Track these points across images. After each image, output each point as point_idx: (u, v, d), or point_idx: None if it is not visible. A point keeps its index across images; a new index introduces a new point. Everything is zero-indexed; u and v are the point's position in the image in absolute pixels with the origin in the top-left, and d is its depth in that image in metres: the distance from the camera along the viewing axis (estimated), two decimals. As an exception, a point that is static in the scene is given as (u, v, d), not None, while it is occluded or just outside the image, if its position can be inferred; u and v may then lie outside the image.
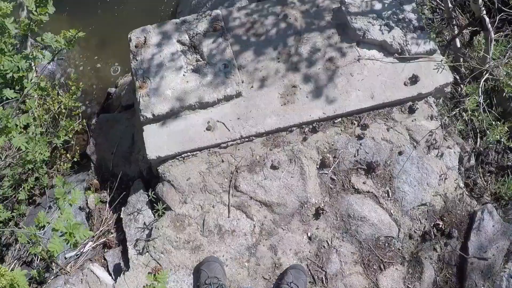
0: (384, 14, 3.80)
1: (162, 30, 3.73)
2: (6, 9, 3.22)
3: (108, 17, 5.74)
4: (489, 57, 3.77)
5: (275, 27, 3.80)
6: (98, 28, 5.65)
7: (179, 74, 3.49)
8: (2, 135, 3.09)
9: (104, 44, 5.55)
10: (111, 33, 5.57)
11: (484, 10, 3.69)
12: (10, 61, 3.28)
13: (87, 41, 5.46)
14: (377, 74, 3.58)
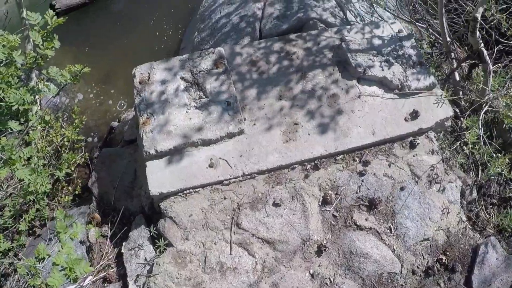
0: (384, 50, 3.85)
1: (166, 67, 3.78)
2: (14, 42, 3.26)
3: (112, 51, 5.80)
4: (488, 89, 3.81)
5: (277, 64, 3.86)
6: (102, 61, 5.71)
7: (182, 111, 3.52)
8: (5, 167, 3.10)
9: (108, 77, 5.60)
10: (115, 67, 5.63)
11: (482, 43, 3.74)
12: (16, 94, 3.31)
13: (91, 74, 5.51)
14: (378, 110, 3.61)
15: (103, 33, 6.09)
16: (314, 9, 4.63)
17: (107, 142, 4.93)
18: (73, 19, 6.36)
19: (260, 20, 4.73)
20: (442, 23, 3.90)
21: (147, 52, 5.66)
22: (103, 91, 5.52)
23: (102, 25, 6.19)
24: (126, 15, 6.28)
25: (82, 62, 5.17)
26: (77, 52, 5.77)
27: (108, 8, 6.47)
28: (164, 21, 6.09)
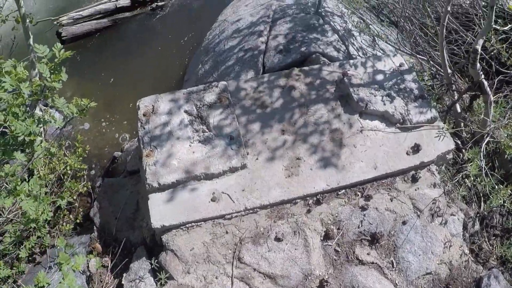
0: (386, 84, 3.89)
1: (170, 100, 3.81)
2: (22, 74, 3.29)
3: (117, 80, 5.86)
4: (489, 120, 3.83)
5: (280, 99, 3.90)
6: (106, 90, 5.76)
7: (185, 144, 3.54)
8: (10, 196, 3.11)
9: (112, 106, 5.64)
10: (119, 95, 5.67)
11: (482, 74, 3.77)
12: (23, 125, 3.32)
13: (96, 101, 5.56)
14: (379, 144, 3.63)
15: (108, 61, 6.17)
16: (317, 43, 4.69)
17: (109, 172, 4.94)
18: (79, 47, 6.46)
19: (264, 54, 4.79)
20: (443, 55, 3.93)
21: (151, 82, 5.72)
22: (107, 119, 5.55)
23: (107, 54, 6.27)
24: (131, 45, 6.38)
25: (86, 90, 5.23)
26: (81, 79, 5.83)
27: (113, 38, 6.57)
28: (169, 52, 6.17)
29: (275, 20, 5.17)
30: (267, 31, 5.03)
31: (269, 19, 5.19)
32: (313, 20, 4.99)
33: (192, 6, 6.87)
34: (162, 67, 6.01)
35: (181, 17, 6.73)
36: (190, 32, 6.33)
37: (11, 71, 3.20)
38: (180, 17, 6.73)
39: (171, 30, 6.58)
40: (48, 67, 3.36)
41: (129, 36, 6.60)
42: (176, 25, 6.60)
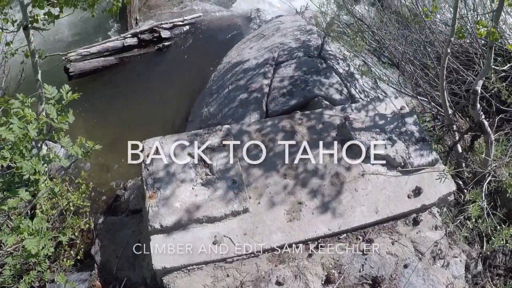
0: (387, 128, 3.94)
1: (174, 142, 3.86)
2: (30, 116, 3.34)
3: (121, 117, 5.94)
4: (490, 159, 3.85)
5: (282, 143, 3.94)
6: (110, 127, 5.83)
7: (188, 187, 3.58)
8: (13, 234, 3.14)
9: (116, 143, 5.69)
10: (123, 133, 5.73)
11: (482, 115, 3.81)
12: (28, 164, 3.37)
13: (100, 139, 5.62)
14: (381, 188, 3.66)
15: (114, 99, 6.26)
16: (319, 86, 4.77)
17: (111, 209, 4.96)
18: (86, 83, 6.57)
19: (268, 96, 4.87)
20: (444, 97, 3.98)
21: (155, 121, 5.79)
22: (110, 156, 5.60)
23: (113, 91, 6.37)
24: (137, 83, 6.48)
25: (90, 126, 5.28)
26: (86, 115, 5.90)
27: (120, 76, 6.69)
28: (174, 92, 6.26)
29: (279, 63, 5.28)
30: (271, 74, 5.12)
31: (273, 62, 5.29)
32: (316, 63, 5.09)
33: (198, 47, 7.03)
34: (167, 106, 6.09)
35: (186, 58, 6.87)
36: (195, 72, 6.45)
37: (19, 112, 3.26)
38: (186, 58, 6.86)
39: (176, 70, 6.69)
40: (55, 108, 3.43)
41: (135, 75, 6.72)
42: (181, 66, 6.72)
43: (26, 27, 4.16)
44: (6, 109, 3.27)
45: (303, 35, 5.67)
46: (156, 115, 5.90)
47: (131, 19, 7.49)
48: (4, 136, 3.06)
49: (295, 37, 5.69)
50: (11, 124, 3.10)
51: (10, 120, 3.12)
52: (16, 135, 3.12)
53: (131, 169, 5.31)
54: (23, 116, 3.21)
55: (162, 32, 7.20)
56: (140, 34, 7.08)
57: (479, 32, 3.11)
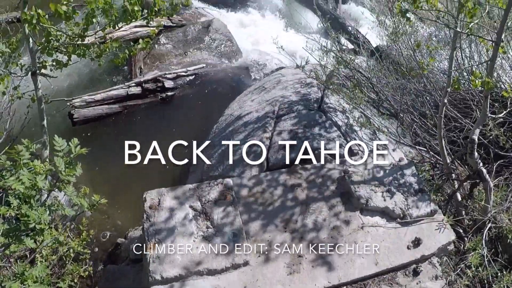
0: (386, 180, 4.00)
1: (175, 194, 3.94)
2: (39, 168, 3.42)
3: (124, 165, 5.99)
4: (489, 206, 3.88)
5: (282, 196, 4.01)
6: (112, 174, 5.88)
7: (189, 239, 3.62)
8: (17, 281, 3.16)
9: (117, 191, 5.73)
10: (125, 181, 5.78)
11: (480, 162, 3.86)
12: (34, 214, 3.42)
13: (101, 186, 5.66)
14: (380, 240, 3.69)
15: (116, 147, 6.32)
16: (319, 139, 4.86)
17: (112, 257, 4.96)
18: (89, 129, 6.67)
19: (268, 150, 4.95)
20: (442, 146, 4.05)
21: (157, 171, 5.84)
22: (112, 204, 5.63)
23: (115, 139, 6.45)
24: (140, 132, 6.57)
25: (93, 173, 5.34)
26: (89, 162, 5.96)
27: (123, 124, 6.79)
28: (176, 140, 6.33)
29: (280, 116, 5.38)
30: (272, 127, 5.22)
31: (274, 115, 5.40)
32: (316, 116, 5.19)
33: (201, 98, 7.15)
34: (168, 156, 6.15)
35: (189, 108, 6.99)
36: (197, 123, 6.54)
37: (28, 164, 3.34)
38: (189, 108, 6.98)
39: (179, 120, 6.80)
40: (64, 160, 3.51)
41: (138, 123, 6.81)
42: (184, 116, 6.84)
43: (34, 73, 4.26)
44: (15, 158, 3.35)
45: (303, 88, 5.81)
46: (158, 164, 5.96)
47: (136, 68, 7.66)
48: (14, 186, 3.14)
49: (296, 90, 5.82)
50: (21, 175, 3.18)
51: (20, 171, 3.21)
52: (25, 187, 3.20)
53: (132, 218, 5.36)
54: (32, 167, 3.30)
55: (166, 82, 7.35)
56: (144, 84, 7.20)
57: (474, 83, 3.21)
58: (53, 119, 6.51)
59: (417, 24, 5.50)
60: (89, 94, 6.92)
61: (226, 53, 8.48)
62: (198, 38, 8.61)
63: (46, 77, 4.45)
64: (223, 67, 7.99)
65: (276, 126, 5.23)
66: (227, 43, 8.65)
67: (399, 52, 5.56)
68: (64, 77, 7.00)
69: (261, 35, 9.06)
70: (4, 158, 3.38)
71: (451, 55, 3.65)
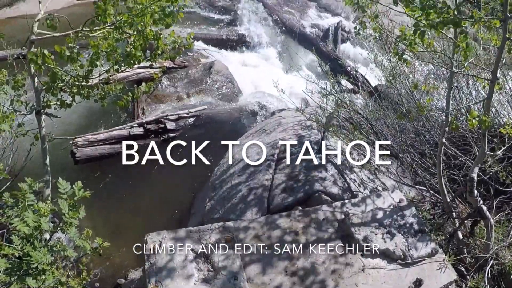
0: (386, 222, 4.02)
1: (177, 237, 3.95)
2: (44, 211, 3.45)
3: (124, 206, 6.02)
4: (491, 243, 3.87)
5: (282, 240, 4.02)
6: (113, 214, 5.89)
7: (190, 282, 3.62)
8: None
9: (118, 231, 5.73)
10: (126, 221, 5.79)
11: (481, 200, 3.87)
12: (38, 255, 3.42)
13: (102, 226, 5.66)
14: (381, 282, 3.69)
15: (117, 186, 6.36)
16: (319, 182, 4.91)
17: (111, 299, 4.95)
18: (91, 168, 6.71)
19: (269, 192, 5.00)
20: (442, 185, 4.08)
21: (158, 212, 5.86)
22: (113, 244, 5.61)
23: (117, 179, 6.49)
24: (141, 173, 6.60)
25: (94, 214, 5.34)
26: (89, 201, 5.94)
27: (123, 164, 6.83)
28: (178, 183, 6.38)
29: (280, 159, 5.46)
30: (272, 170, 5.28)
31: (274, 158, 5.48)
32: (316, 158, 5.23)
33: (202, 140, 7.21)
34: (170, 197, 6.18)
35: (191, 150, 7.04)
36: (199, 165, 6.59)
37: (33, 206, 3.38)
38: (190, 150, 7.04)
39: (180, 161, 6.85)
40: (67, 203, 3.55)
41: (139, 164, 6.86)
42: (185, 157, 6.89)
43: (38, 112, 4.32)
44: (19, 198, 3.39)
45: (303, 131, 5.88)
46: (159, 205, 5.99)
47: (138, 109, 7.76)
48: (18, 228, 3.17)
49: (296, 133, 5.90)
50: (26, 217, 3.22)
51: (24, 213, 3.24)
52: (30, 228, 3.23)
53: (133, 259, 5.34)
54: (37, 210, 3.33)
55: (168, 123, 7.43)
56: (146, 124, 7.28)
57: (471, 123, 3.26)
58: (55, 156, 6.53)
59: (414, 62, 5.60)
60: (92, 134, 7.00)
61: (227, 95, 8.61)
62: (200, 79, 8.77)
63: (50, 116, 4.51)
64: (225, 109, 8.09)
65: (276, 169, 5.29)
66: (228, 84, 8.79)
67: (397, 92, 5.64)
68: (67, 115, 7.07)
69: (262, 77, 9.19)
70: (7, 195, 3.42)
71: (448, 94, 3.72)
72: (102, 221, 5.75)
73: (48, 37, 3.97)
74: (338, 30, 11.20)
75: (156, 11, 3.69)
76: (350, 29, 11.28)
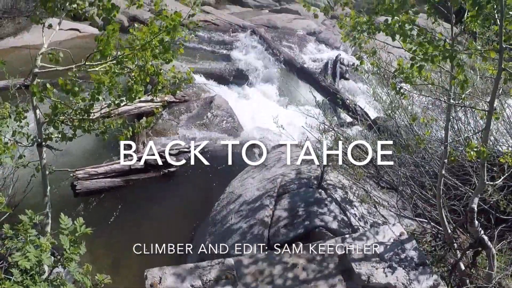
0: (387, 256, 4.00)
1: (177, 273, 3.93)
2: (45, 246, 3.44)
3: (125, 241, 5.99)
4: (493, 273, 3.84)
5: (282, 276, 3.98)
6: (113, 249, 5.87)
7: (191, 319, 3.60)
8: None
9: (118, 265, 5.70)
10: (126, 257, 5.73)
11: (481, 230, 3.86)
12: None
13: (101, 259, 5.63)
14: (384, 317, 3.65)
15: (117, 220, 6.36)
16: (319, 217, 4.91)
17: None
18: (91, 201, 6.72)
19: (269, 228, 5.01)
20: (442, 217, 4.08)
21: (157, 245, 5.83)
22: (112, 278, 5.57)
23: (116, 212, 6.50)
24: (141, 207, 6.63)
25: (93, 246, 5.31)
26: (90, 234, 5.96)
27: (124, 198, 6.85)
28: (178, 217, 6.39)
29: (280, 195, 5.47)
30: (272, 205, 5.29)
31: (275, 193, 5.49)
32: (316, 194, 5.28)
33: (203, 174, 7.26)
34: (170, 231, 6.17)
35: (191, 185, 7.07)
36: (199, 199, 6.62)
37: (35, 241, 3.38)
38: (191, 185, 7.07)
39: (181, 196, 6.88)
40: (68, 239, 3.54)
41: (139, 198, 6.87)
42: (186, 192, 6.91)
43: (40, 144, 4.34)
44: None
45: (303, 166, 5.92)
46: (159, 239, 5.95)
47: (139, 143, 7.81)
48: (20, 263, 3.18)
49: (296, 168, 5.93)
50: (27, 252, 3.22)
51: (26, 248, 3.24)
52: (31, 264, 3.22)
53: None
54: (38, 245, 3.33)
55: (168, 157, 7.45)
56: (147, 158, 7.33)
57: (469, 154, 3.28)
58: (55, 188, 6.58)
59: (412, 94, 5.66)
60: (93, 167, 7.03)
61: (227, 129, 8.69)
62: (200, 114, 8.85)
63: (51, 149, 4.53)
64: (226, 143, 8.13)
65: (277, 205, 5.30)
66: (228, 119, 8.88)
67: (396, 125, 5.69)
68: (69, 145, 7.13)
69: (262, 112, 9.30)
70: (7, 227, 3.43)
71: (446, 126, 3.75)
72: (101, 254, 5.73)
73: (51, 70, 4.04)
74: (336, 63, 11.36)
75: (157, 46, 3.75)
76: (349, 63, 11.45)
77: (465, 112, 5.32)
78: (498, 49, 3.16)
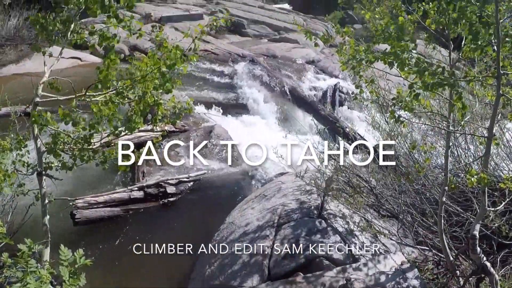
0: (388, 285, 3.98)
1: (178, 304, 3.88)
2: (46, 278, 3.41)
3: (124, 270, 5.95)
4: None
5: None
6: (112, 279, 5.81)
7: None
8: None
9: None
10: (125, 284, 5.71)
11: (484, 257, 3.82)
12: None
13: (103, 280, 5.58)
14: None
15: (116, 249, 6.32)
16: (320, 246, 4.88)
17: None
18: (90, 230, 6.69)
19: (269, 259, 4.98)
20: (443, 244, 4.06)
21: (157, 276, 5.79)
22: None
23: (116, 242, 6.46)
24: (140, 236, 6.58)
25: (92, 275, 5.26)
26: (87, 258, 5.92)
27: (124, 227, 6.82)
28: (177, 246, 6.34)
29: (280, 225, 5.45)
30: (273, 236, 5.27)
31: (275, 224, 5.48)
32: (316, 223, 5.27)
33: (202, 204, 7.26)
34: (169, 261, 6.10)
35: (190, 215, 7.07)
36: (199, 229, 6.59)
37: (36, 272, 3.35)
38: (190, 215, 7.06)
39: (180, 226, 6.84)
40: (68, 270, 3.51)
41: (138, 228, 6.84)
42: (185, 222, 6.90)
43: (40, 173, 4.34)
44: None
45: (303, 196, 5.92)
46: (159, 270, 5.92)
47: (138, 173, 7.82)
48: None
49: (296, 198, 5.92)
50: (27, 284, 3.19)
51: (27, 280, 3.22)
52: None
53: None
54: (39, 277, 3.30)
55: (168, 187, 7.47)
56: (146, 188, 7.34)
57: (470, 181, 3.26)
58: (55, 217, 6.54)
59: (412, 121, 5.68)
60: (92, 196, 7.02)
61: (227, 159, 8.66)
62: (200, 143, 8.86)
63: (51, 178, 4.53)
64: (225, 173, 8.15)
65: (277, 235, 5.27)
66: (228, 149, 8.87)
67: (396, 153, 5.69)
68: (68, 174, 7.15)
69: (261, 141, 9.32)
70: (6, 256, 3.40)
71: (446, 154, 3.76)
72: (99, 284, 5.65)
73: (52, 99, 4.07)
74: (336, 92, 11.43)
75: (156, 77, 3.79)
76: (348, 90, 11.51)
77: (465, 138, 5.33)
78: (496, 75, 3.18)
